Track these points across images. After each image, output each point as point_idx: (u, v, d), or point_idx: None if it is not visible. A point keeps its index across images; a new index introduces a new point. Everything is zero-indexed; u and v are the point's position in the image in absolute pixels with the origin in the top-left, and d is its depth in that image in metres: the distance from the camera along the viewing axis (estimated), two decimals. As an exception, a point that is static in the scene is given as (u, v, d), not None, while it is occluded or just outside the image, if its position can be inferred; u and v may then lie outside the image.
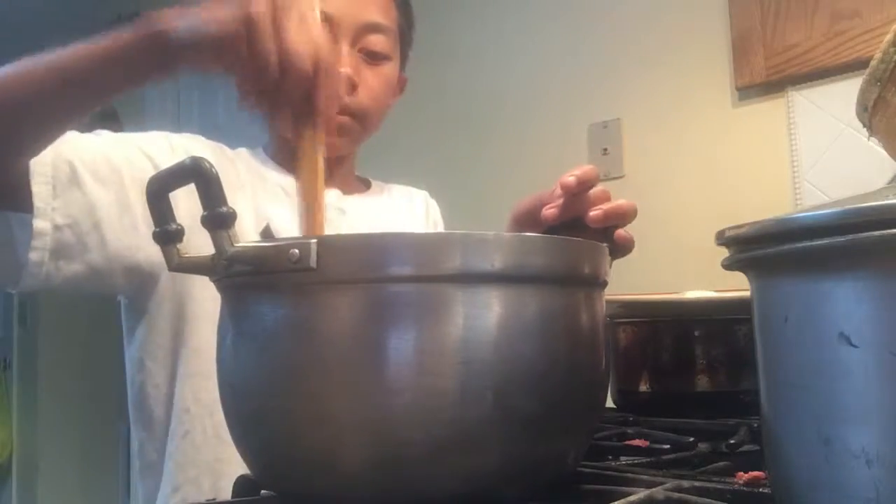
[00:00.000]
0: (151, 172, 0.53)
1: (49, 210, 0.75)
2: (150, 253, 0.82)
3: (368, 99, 0.94)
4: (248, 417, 0.52)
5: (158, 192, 0.50)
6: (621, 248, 0.70)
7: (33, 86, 0.66)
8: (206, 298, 0.54)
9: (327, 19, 0.91)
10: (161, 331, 0.89)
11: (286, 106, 0.61)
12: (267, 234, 0.88)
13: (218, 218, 0.47)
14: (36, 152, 0.72)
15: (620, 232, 0.69)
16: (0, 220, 0.76)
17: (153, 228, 0.51)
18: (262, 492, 0.57)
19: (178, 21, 0.62)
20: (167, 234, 0.50)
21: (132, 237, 0.81)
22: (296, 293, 0.48)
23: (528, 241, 0.51)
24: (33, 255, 0.75)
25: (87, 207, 0.78)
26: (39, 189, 0.74)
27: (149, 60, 0.65)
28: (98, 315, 2.74)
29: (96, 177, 0.79)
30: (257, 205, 0.93)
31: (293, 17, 0.59)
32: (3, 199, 0.74)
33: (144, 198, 0.81)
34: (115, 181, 0.80)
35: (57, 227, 0.76)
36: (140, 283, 0.86)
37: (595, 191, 0.70)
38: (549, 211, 0.70)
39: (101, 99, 0.69)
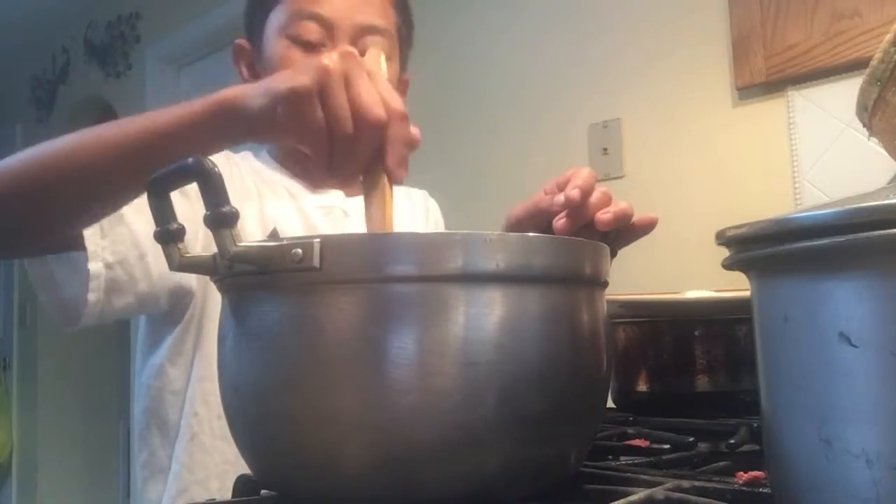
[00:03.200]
0: None
1: (100, 251, 0.76)
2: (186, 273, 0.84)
3: None
4: (250, 417, 0.52)
5: (160, 191, 0.50)
6: (642, 230, 0.74)
7: (103, 159, 0.66)
8: (219, 303, 0.55)
9: (324, 22, 0.91)
10: (186, 338, 0.90)
11: (359, 160, 0.59)
12: (274, 236, 0.88)
13: (220, 217, 0.47)
14: (104, 216, 0.73)
15: (646, 215, 0.73)
16: (38, 262, 0.77)
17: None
18: (263, 492, 0.57)
19: (248, 89, 0.61)
20: (168, 233, 0.50)
21: None
22: (299, 293, 0.48)
23: (530, 242, 0.51)
24: (91, 297, 0.76)
25: (132, 240, 0.79)
26: (89, 232, 0.75)
27: (219, 128, 0.63)
28: (98, 315, 2.73)
29: (133, 205, 0.80)
30: (263, 208, 0.93)
31: (362, 73, 0.58)
32: (57, 248, 0.75)
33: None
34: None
35: (108, 266, 0.77)
36: (179, 299, 0.88)
37: (597, 194, 0.71)
38: (560, 223, 0.71)
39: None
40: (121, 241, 0.78)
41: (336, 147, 0.57)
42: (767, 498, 0.47)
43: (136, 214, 0.79)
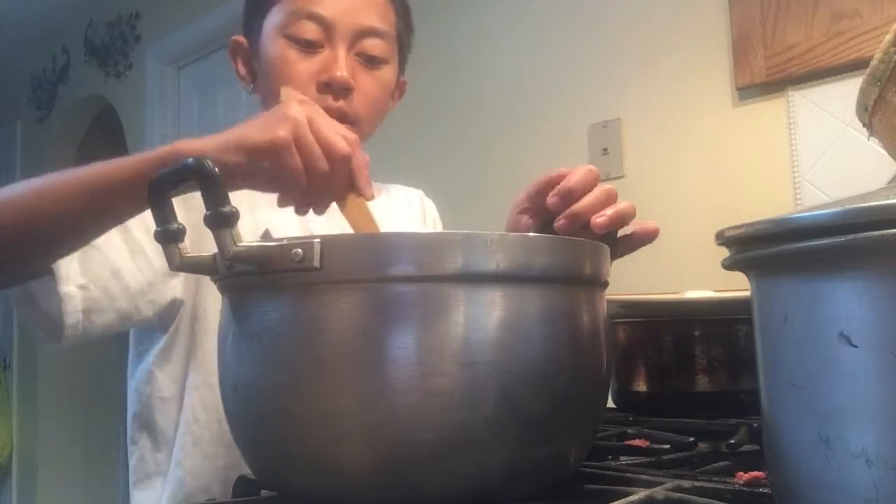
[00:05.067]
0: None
1: (71, 274, 0.76)
2: (169, 283, 0.85)
3: (364, 104, 0.93)
4: (250, 417, 0.52)
5: (160, 192, 0.50)
6: (639, 241, 0.73)
7: (64, 204, 0.67)
8: (216, 311, 0.55)
9: (323, 22, 0.90)
10: (174, 345, 0.90)
11: (335, 190, 0.64)
12: (267, 237, 0.88)
13: (220, 217, 0.47)
14: (68, 254, 0.74)
15: (645, 225, 0.72)
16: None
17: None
18: (263, 492, 0.57)
19: (205, 143, 0.62)
20: (168, 233, 0.50)
21: (149, 274, 0.83)
22: (299, 292, 0.48)
23: (530, 242, 0.51)
24: (69, 319, 0.77)
25: (103, 259, 0.80)
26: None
27: None
28: (98, 315, 2.73)
29: None
30: (255, 211, 0.93)
31: (322, 115, 0.64)
32: (32, 277, 0.75)
33: (147, 230, 0.82)
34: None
35: (82, 287, 0.77)
36: (167, 310, 0.88)
37: (597, 192, 0.70)
38: (559, 224, 0.71)
39: (127, 214, 0.69)
40: (91, 260, 0.79)
41: (313, 184, 0.62)
42: (767, 498, 0.47)
43: (105, 234, 0.79)
